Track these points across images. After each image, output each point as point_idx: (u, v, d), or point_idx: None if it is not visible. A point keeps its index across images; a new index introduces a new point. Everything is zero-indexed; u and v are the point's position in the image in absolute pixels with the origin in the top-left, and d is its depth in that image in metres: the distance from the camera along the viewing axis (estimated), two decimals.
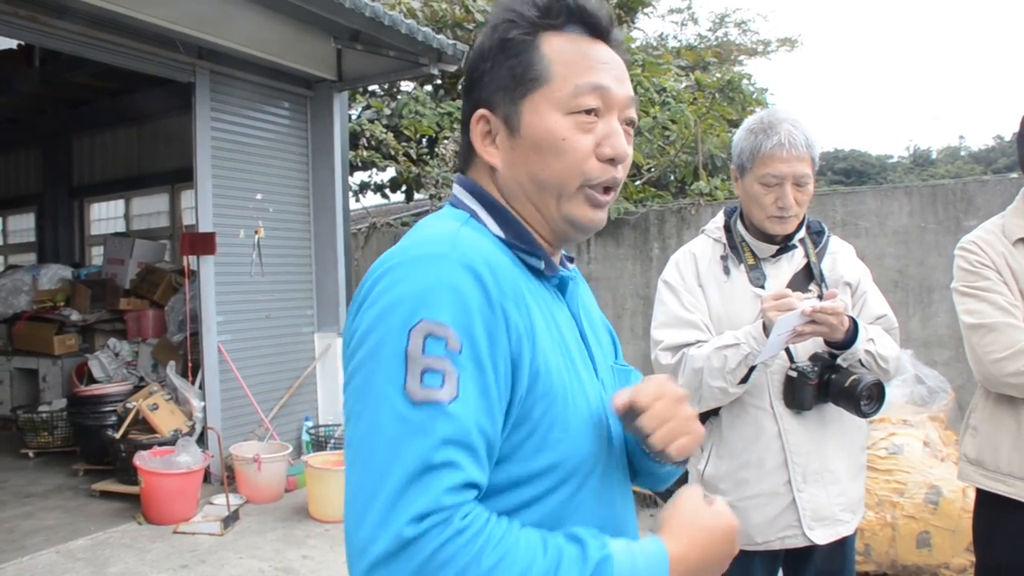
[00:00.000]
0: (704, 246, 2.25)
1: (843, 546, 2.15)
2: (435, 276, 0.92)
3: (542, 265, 1.08)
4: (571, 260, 1.22)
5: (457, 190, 1.14)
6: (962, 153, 36.50)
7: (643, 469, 1.21)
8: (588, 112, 1.05)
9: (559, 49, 1.06)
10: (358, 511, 0.89)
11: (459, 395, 0.89)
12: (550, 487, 1.00)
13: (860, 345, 2.01)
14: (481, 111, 1.09)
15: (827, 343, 2.04)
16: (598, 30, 1.09)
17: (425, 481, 0.86)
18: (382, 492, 0.86)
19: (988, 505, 2.26)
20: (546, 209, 1.09)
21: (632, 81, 1.17)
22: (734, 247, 2.19)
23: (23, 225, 11.02)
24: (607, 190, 1.08)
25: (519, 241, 1.07)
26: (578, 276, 1.21)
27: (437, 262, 0.93)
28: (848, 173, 31.12)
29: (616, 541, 0.95)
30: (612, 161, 1.06)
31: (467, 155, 1.15)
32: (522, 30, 1.07)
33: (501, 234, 1.07)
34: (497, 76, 1.07)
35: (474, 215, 1.09)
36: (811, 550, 2.11)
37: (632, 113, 1.11)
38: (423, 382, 0.89)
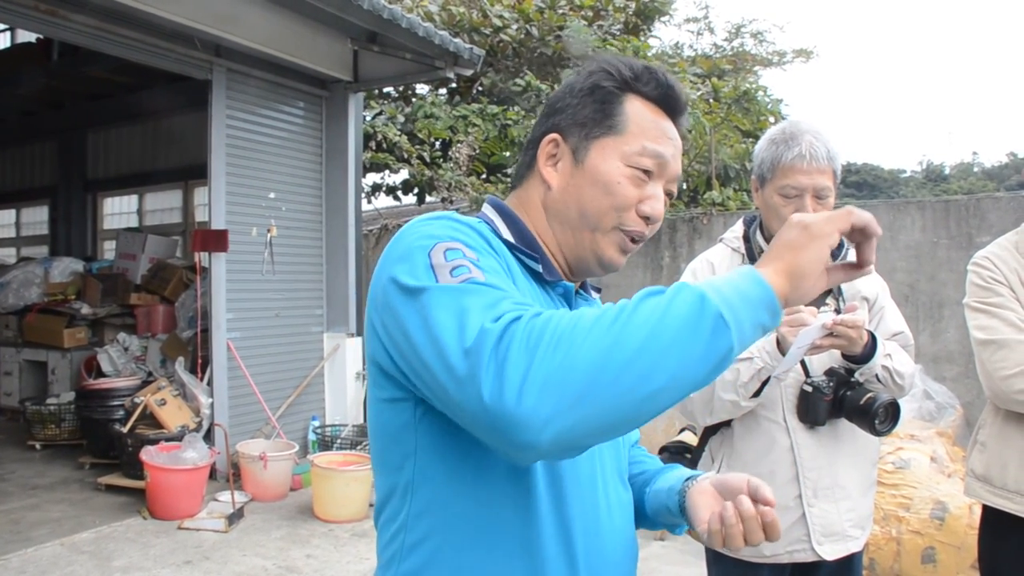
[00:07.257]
0: (722, 255, 2.23)
1: (851, 562, 2.13)
2: (440, 225, 1.05)
3: (540, 267, 1.16)
4: (598, 291, 1.35)
5: (484, 206, 1.27)
6: (975, 169, 36.31)
7: (654, 518, 1.32)
8: (644, 171, 1.17)
9: (639, 112, 1.19)
10: (443, 365, 0.91)
11: (487, 280, 0.96)
12: (504, 474, 1.05)
13: (878, 360, 2.00)
14: (554, 135, 1.21)
15: (845, 357, 2.03)
16: (674, 109, 1.21)
17: (489, 310, 0.91)
18: (459, 329, 0.90)
19: (994, 522, 2.25)
20: (580, 237, 1.20)
21: None
22: (753, 258, 2.16)
23: (36, 218, 11.08)
24: (635, 241, 1.20)
25: (524, 245, 1.18)
26: (594, 303, 1.30)
27: (440, 218, 1.07)
28: (860, 186, 30.99)
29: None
30: (647, 219, 1.18)
31: (524, 169, 1.27)
32: (614, 83, 1.19)
33: (510, 239, 1.18)
34: (580, 112, 1.19)
35: (490, 222, 1.21)
36: (818, 565, 2.10)
37: (674, 187, 1.23)
38: (453, 274, 0.96)
